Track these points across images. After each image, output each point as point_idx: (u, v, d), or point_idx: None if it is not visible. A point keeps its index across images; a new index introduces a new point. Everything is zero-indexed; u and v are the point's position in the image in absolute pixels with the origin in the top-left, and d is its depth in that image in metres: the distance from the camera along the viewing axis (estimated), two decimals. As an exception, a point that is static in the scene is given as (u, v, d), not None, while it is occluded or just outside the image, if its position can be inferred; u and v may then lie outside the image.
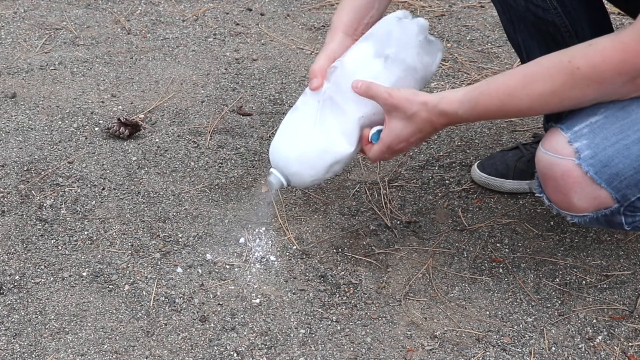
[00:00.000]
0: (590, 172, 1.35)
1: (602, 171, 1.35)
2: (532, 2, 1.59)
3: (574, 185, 1.37)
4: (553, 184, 1.41)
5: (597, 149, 1.35)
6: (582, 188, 1.37)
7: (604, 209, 1.40)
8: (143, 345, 1.55)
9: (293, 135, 1.59)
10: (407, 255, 1.77)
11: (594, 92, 1.33)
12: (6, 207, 1.87)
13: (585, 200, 1.39)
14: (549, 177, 1.41)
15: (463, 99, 1.43)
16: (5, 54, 2.50)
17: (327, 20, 2.70)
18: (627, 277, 1.71)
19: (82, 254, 1.76)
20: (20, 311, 1.62)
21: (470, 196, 1.93)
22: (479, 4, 2.80)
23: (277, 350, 1.54)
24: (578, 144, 1.36)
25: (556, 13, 1.59)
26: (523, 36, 1.69)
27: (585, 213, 1.41)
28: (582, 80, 1.32)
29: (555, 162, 1.38)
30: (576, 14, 1.60)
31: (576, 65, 1.32)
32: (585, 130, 1.37)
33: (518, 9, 1.63)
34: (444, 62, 2.46)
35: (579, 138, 1.36)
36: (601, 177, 1.36)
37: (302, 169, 1.59)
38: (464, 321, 1.61)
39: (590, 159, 1.35)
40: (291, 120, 1.61)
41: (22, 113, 2.21)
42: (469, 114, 1.43)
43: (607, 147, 1.35)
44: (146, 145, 2.10)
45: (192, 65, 2.45)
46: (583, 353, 1.55)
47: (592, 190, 1.37)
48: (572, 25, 1.60)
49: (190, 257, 1.75)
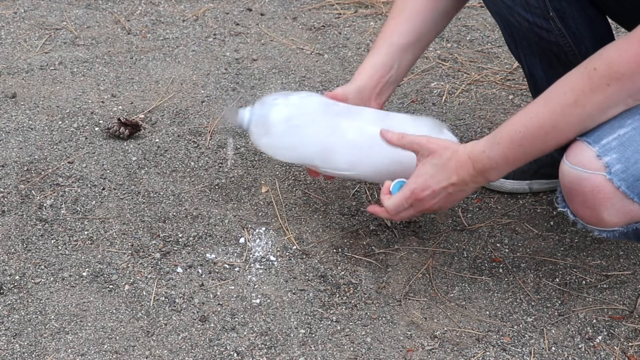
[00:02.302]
0: (623, 187, 1.32)
1: (635, 185, 1.32)
2: (536, 24, 1.56)
3: (604, 200, 1.34)
4: (581, 199, 1.37)
5: (628, 163, 1.32)
6: (613, 203, 1.34)
7: (635, 223, 1.38)
8: (143, 345, 1.55)
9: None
10: (407, 255, 1.77)
11: (616, 93, 1.29)
12: (6, 207, 1.87)
13: (616, 215, 1.35)
14: (577, 192, 1.36)
15: (489, 137, 1.41)
16: (5, 54, 2.50)
17: (327, 20, 2.70)
18: (627, 277, 1.71)
19: (82, 254, 1.76)
20: (20, 311, 1.62)
21: (470, 196, 1.93)
22: (479, 4, 2.80)
23: (277, 350, 1.54)
24: (608, 158, 1.32)
25: (560, 34, 1.56)
26: (525, 52, 1.67)
27: (615, 228, 1.38)
28: (600, 80, 1.28)
29: (584, 177, 1.34)
30: (580, 34, 1.57)
31: (593, 67, 1.29)
32: (614, 144, 1.33)
33: (521, 29, 1.60)
34: (444, 62, 2.46)
35: (608, 152, 1.32)
36: (634, 191, 1.32)
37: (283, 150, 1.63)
38: (464, 321, 1.61)
39: (622, 173, 1.32)
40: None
41: (22, 113, 2.21)
42: (496, 150, 1.40)
43: (638, 160, 1.32)
44: (146, 145, 2.10)
45: (192, 65, 2.45)
46: (583, 353, 1.55)
47: (623, 205, 1.34)
48: (577, 45, 1.57)
49: (190, 257, 1.75)
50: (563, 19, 1.54)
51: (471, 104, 2.27)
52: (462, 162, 1.44)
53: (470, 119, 2.21)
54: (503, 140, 1.40)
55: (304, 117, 1.64)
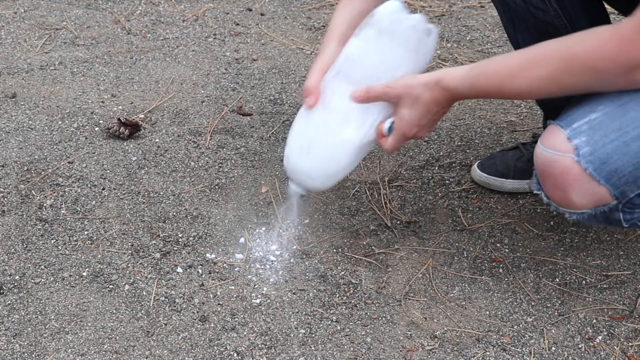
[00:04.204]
0: (590, 169, 1.35)
1: (601, 168, 1.35)
2: (532, 4, 1.59)
3: (572, 182, 1.37)
4: (552, 181, 1.41)
5: (596, 145, 1.35)
6: (581, 185, 1.37)
7: (603, 206, 1.40)
8: (143, 345, 1.55)
9: (306, 147, 1.61)
10: (407, 255, 1.77)
11: (590, 80, 1.33)
12: (6, 207, 1.87)
13: (583, 197, 1.39)
14: (548, 174, 1.41)
15: (464, 77, 1.44)
16: (5, 54, 2.50)
17: (327, 20, 2.70)
18: (627, 277, 1.71)
19: (82, 254, 1.76)
20: (20, 311, 1.62)
21: (470, 196, 1.94)
22: (479, 4, 2.80)
23: (277, 350, 1.54)
24: (577, 141, 1.36)
25: (556, 15, 1.59)
26: (523, 36, 1.69)
27: (584, 210, 1.41)
28: (578, 67, 1.32)
29: (554, 159, 1.38)
30: (576, 15, 1.60)
31: (573, 52, 1.32)
32: (584, 127, 1.37)
33: (518, 10, 1.63)
34: (444, 62, 2.46)
35: (578, 135, 1.36)
36: (600, 173, 1.36)
37: (317, 178, 1.62)
38: (464, 321, 1.61)
39: (590, 156, 1.35)
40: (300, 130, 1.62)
41: (22, 113, 2.21)
42: (469, 91, 1.44)
43: (606, 143, 1.35)
44: (146, 145, 2.10)
45: (192, 65, 2.45)
46: (583, 353, 1.55)
47: (590, 187, 1.37)
48: (572, 26, 1.60)
49: (190, 257, 1.75)
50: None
51: (471, 104, 2.27)
52: (436, 90, 1.47)
53: (470, 119, 2.21)
54: (477, 87, 1.43)
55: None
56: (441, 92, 1.46)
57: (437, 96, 1.47)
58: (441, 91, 1.46)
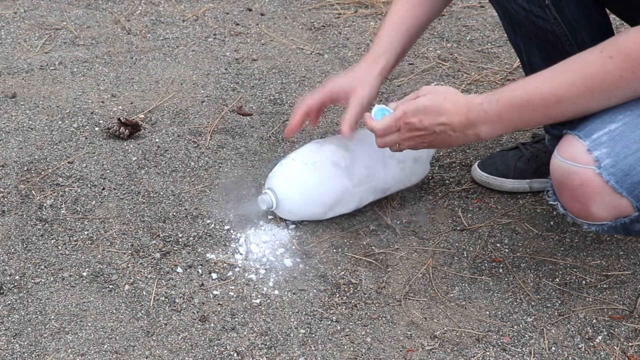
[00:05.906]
0: (612, 182, 1.33)
1: (624, 180, 1.33)
2: (532, 12, 1.57)
3: (593, 194, 1.34)
4: (570, 193, 1.38)
5: (617, 157, 1.33)
6: (602, 197, 1.34)
7: (623, 218, 1.38)
8: (143, 345, 1.55)
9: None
10: (407, 255, 1.77)
11: (627, 85, 1.30)
12: (6, 207, 1.88)
13: (604, 209, 1.36)
14: (567, 185, 1.37)
15: (489, 93, 1.42)
16: (5, 54, 2.50)
17: (327, 20, 2.70)
18: (627, 277, 1.71)
19: (82, 254, 1.76)
20: (20, 311, 1.62)
21: (470, 196, 1.94)
22: (479, 4, 2.80)
23: (277, 350, 1.54)
24: (598, 153, 1.33)
25: (556, 23, 1.57)
26: (524, 41, 1.68)
27: (604, 222, 1.39)
28: (615, 70, 1.29)
29: (574, 171, 1.35)
30: (576, 23, 1.58)
31: (608, 55, 1.29)
32: (604, 138, 1.34)
33: (518, 17, 1.62)
34: (444, 62, 2.46)
35: (599, 146, 1.33)
36: (622, 185, 1.33)
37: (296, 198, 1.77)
38: (464, 321, 1.61)
39: (611, 168, 1.32)
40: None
41: (22, 113, 2.21)
42: (493, 106, 1.40)
43: (628, 155, 1.33)
44: (146, 145, 2.10)
45: (192, 65, 2.45)
46: (583, 353, 1.55)
47: (612, 199, 1.35)
48: (573, 34, 1.58)
49: (190, 257, 1.75)
50: (558, 7, 1.56)
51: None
52: (458, 106, 1.43)
53: (470, 119, 2.21)
54: (502, 100, 1.40)
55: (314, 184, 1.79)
56: (465, 105, 1.42)
57: (462, 109, 1.43)
58: (465, 104, 1.42)
